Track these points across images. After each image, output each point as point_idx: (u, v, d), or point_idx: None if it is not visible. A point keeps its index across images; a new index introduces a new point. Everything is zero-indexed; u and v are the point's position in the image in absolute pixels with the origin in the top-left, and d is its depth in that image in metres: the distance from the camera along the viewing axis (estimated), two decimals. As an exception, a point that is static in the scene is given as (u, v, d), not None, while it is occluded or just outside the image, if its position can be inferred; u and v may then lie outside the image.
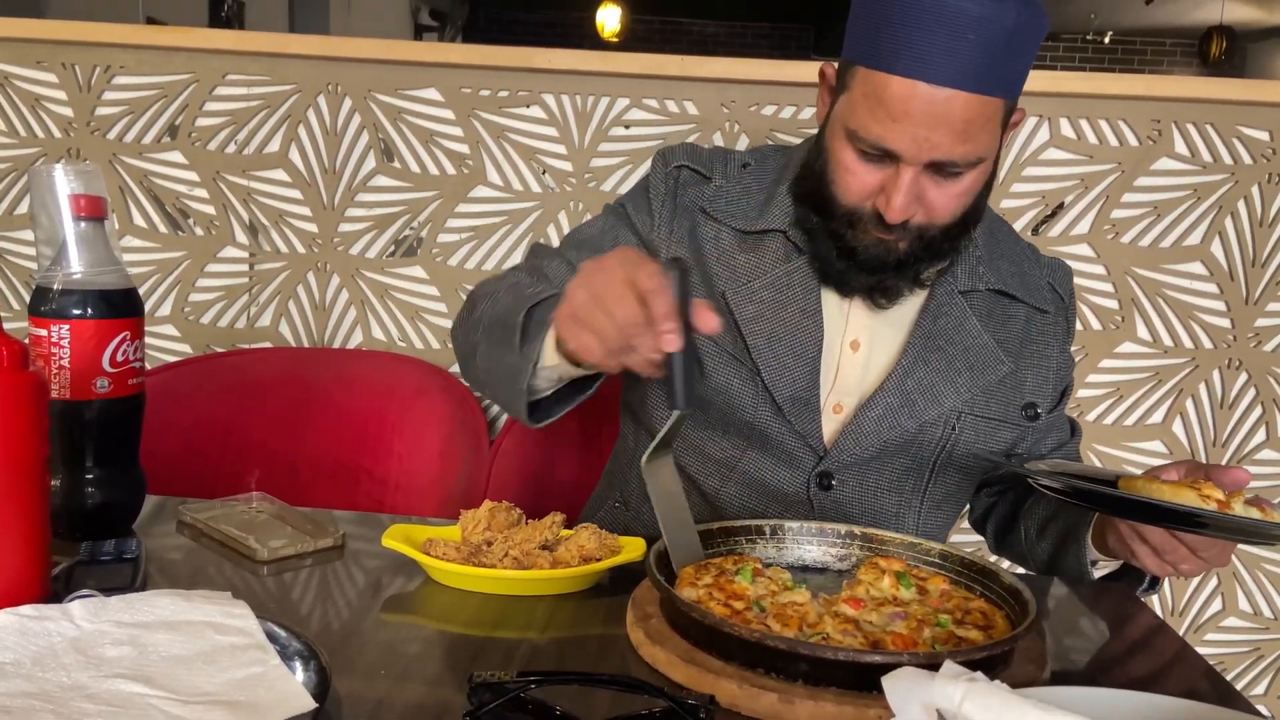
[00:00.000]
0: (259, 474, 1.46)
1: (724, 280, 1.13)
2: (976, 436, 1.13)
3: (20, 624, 0.68)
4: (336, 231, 1.82)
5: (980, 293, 1.13)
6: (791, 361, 1.10)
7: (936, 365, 1.10)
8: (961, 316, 1.11)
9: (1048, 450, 1.21)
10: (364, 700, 0.68)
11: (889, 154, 0.98)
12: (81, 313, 0.89)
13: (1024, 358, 1.15)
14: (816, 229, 1.08)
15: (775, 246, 1.13)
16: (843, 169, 1.03)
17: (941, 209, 1.02)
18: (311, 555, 0.96)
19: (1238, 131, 1.73)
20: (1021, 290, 1.14)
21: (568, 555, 0.90)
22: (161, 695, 0.63)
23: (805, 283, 1.11)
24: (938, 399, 1.10)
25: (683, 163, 1.18)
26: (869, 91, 0.98)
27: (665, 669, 0.74)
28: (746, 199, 1.15)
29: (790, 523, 0.96)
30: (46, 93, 1.81)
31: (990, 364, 1.12)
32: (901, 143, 0.96)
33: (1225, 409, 1.80)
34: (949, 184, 1.00)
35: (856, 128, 0.99)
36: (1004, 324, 1.14)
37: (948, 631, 0.79)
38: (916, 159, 0.97)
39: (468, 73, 1.77)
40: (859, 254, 1.05)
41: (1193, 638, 1.85)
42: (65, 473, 0.91)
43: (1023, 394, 1.14)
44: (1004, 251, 1.17)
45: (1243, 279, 1.76)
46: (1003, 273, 1.14)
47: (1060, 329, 1.18)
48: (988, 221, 1.16)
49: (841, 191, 1.04)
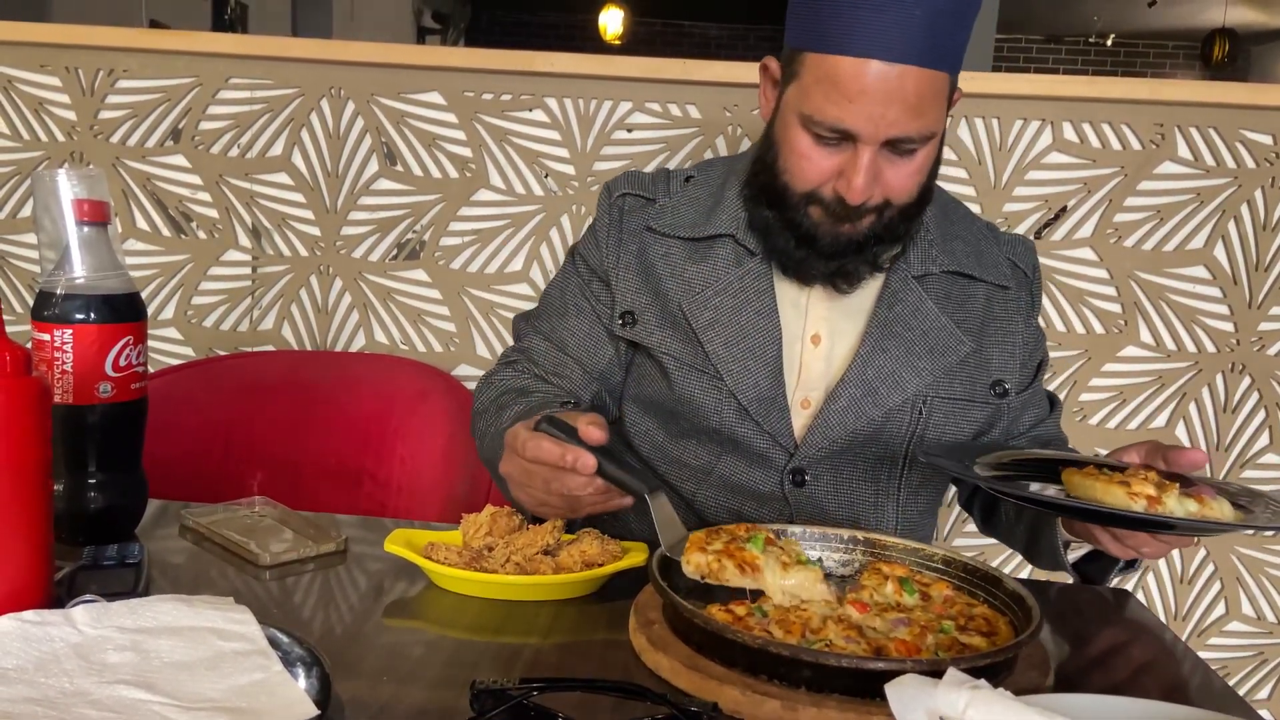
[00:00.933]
0: (261, 477, 1.46)
1: (678, 293, 1.14)
2: (946, 419, 1.13)
3: (23, 629, 0.68)
4: (339, 235, 1.83)
5: (935, 275, 1.14)
6: (752, 363, 1.11)
7: (895, 352, 1.11)
8: (917, 301, 1.12)
9: (1027, 427, 1.20)
10: (366, 706, 0.68)
11: (846, 136, 1.00)
12: (84, 317, 0.89)
13: (987, 336, 1.15)
14: (772, 223, 1.09)
15: (725, 252, 1.14)
16: (798, 156, 1.04)
17: (899, 187, 1.03)
18: (314, 560, 0.96)
19: (1241, 135, 1.72)
20: (978, 269, 1.15)
21: (570, 560, 0.90)
22: (164, 701, 0.63)
23: (759, 284, 1.12)
24: (900, 385, 1.11)
25: (625, 190, 1.20)
26: (821, 75, 0.99)
27: (668, 675, 0.74)
28: (692, 209, 1.17)
29: (793, 527, 0.95)
30: (50, 96, 1.81)
31: (950, 345, 1.12)
32: (858, 122, 0.98)
33: (1228, 413, 1.80)
34: (904, 162, 1.02)
35: (812, 112, 1.00)
36: (963, 304, 1.14)
37: (951, 638, 0.79)
38: (874, 138, 0.99)
39: (470, 76, 1.77)
40: (819, 240, 1.06)
41: (1196, 642, 1.85)
42: (68, 477, 0.91)
43: (989, 372, 1.15)
44: (958, 233, 1.17)
45: (1246, 283, 1.76)
46: (957, 254, 1.15)
47: (1023, 303, 1.18)
48: (941, 205, 1.17)
49: (798, 179, 1.05)
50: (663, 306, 1.15)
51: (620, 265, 1.18)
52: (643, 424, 1.20)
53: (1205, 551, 1.83)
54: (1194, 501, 0.85)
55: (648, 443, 1.20)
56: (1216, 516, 0.84)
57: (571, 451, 0.88)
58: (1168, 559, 1.84)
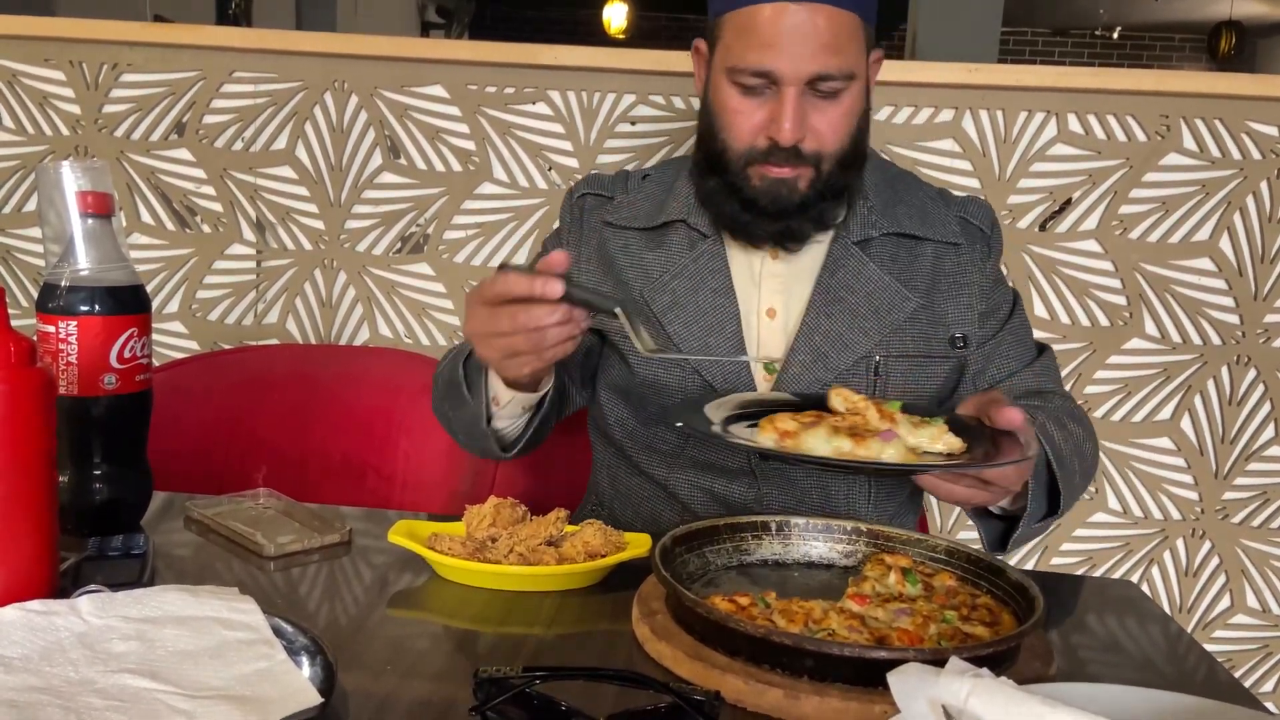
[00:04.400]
0: (266, 470, 1.46)
1: (639, 283, 1.18)
2: (905, 377, 1.15)
3: (28, 619, 0.68)
4: (343, 228, 1.83)
5: (878, 239, 1.16)
6: (712, 339, 1.14)
7: (840, 316, 1.13)
8: (859, 265, 1.14)
9: (997, 379, 1.19)
10: (370, 695, 0.69)
11: (770, 80, 1.04)
12: (89, 309, 0.89)
13: (939, 291, 1.16)
14: (717, 190, 1.12)
15: (679, 238, 1.18)
16: (730, 112, 1.08)
17: (829, 132, 1.07)
18: (318, 551, 0.96)
19: (1247, 127, 1.72)
20: (924, 229, 1.17)
21: (573, 551, 0.90)
22: (168, 690, 0.63)
23: (713, 264, 1.16)
24: (848, 347, 1.13)
25: (585, 191, 1.26)
26: (740, 28, 1.05)
27: (671, 664, 0.74)
28: (648, 202, 1.22)
29: (796, 519, 0.95)
30: (54, 90, 1.81)
31: (896, 303, 1.14)
32: (779, 62, 1.03)
33: (1234, 405, 1.79)
34: (830, 105, 1.06)
35: (735, 63, 1.06)
36: (910, 264, 1.16)
37: (954, 628, 0.79)
38: (795, 76, 1.03)
39: (474, 69, 1.77)
40: (760, 200, 1.10)
41: (1201, 635, 1.85)
42: (73, 469, 0.91)
43: (946, 327, 1.16)
44: (903, 199, 1.19)
45: (1251, 275, 1.76)
46: (899, 217, 1.17)
47: (976, 256, 1.19)
48: (888, 176, 1.20)
49: (733, 136, 1.09)
50: (624, 295, 1.19)
51: (581, 259, 1.23)
52: (615, 411, 1.23)
53: (1210, 544, 1.83)
54: (848, 439, 0.87)
55: (621, 429, 1.23)
56: (869, 456, 0.86)
57: (539, 279, 0.90)
58: (1172, 551, 1.83)
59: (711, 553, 0.91)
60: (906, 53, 3.86)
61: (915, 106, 1.74)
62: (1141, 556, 1.84)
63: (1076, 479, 1.09)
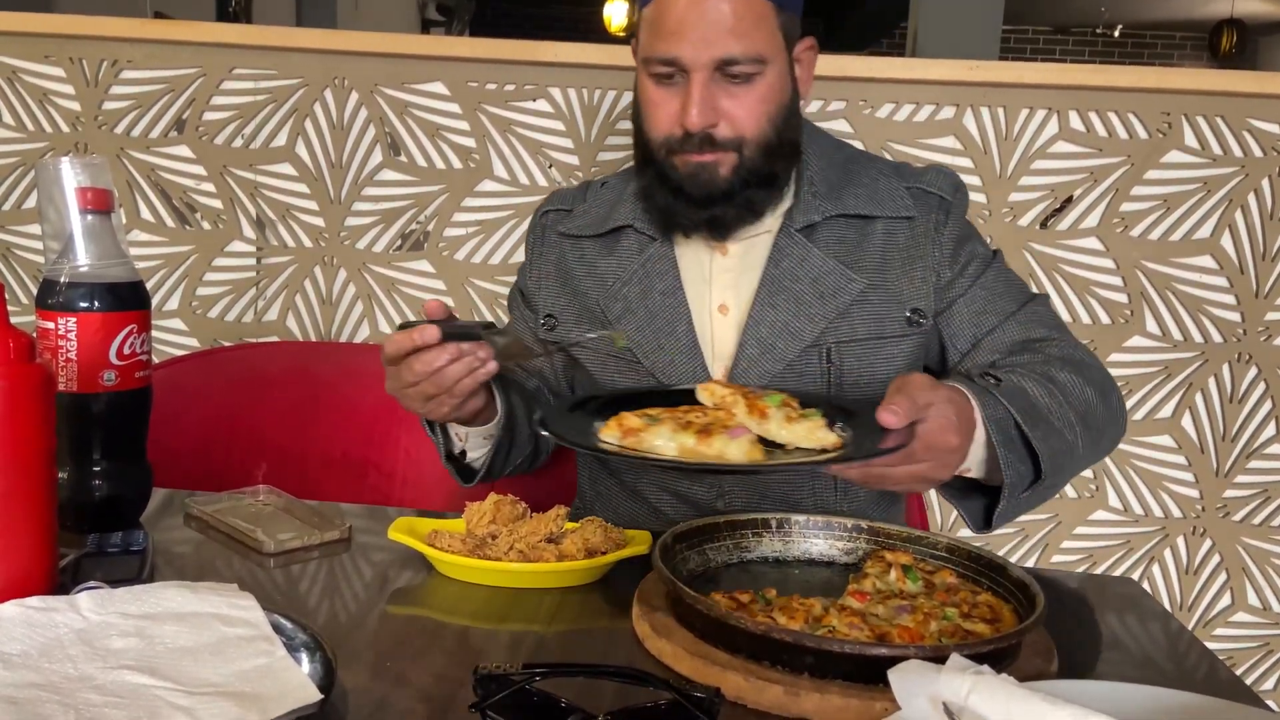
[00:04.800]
0: (266, 467, 1.46)
1: (595, 291, 1.20)
2: (860, 361, 1.13)
3: (27, 615, 0.68)
4: (343, 225, 1.83)
5: (822, 224, 1.15)
6: (666, 341, 1.15)
7: (785, 306, 1.13)
8: (802, 252, 1.14)
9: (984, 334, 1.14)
10: (369, 692, 0.68)
11: (679, 68, 1.06)
12: (88, 305, 0.89)
13: (891, 269, 1.14)
14: (651, 183, 1.14)
15: (629, 243, 1.20)
16: (649, 104, 1.11)
17: (742, 117, 1.08)
18: (318, 548, 0.96)
19: (1248, 124, 1.71)
20: (871, 207, 1.15)
21: (573, 548, 0.90)
22: (168, 686, 0.63)
23: (662, 266, 1.17)
24: (796, 335, 1.12)
25: (548, 207, 1.29)
26: (650, 21, 1.08)
27: (671, 661, 0.74)
28: (601, 209, 1.23)
29: (797, 516, 0.95)
30: (54, 87, 1.81)
31: (841, 285, 1.12)
32: (683, 48, 1.05)
33: (1235, 403, 1.79)
34: (742, 90, 1.07)
35: (647, 54, 1.09)
36: (859, 245, 1.15)
37: (954, 625, 0.78)
38: (698, 61, 1.05)
39: (474, 66, 1.77)
40: (686, 186, 1.10)
41: (1202, 632, 1.84)
42: (72, 465, 0.91)
43: (903, 304, 1.14)
44: (854, 180, 1.17)
45: (1253, 272, 1.75)
46: (845, 199, 1.15)
47: (929, 225, 1.15)
48: (837, 159, 1.19)
49: (654, 126, 1.11)
50: (580, 305, 1.21)
51: (541, 276, 1.26)
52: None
53: (1211, 542, 1.83)
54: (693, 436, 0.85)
55: None
56: (711, 455, 0.84)
57: (416, 330, 0.95)
58: (1173, 549, 1.83)
59: (712, 550, 0.91)
60: (908, 50, 3.86)
61: (916, 104, 1.74)
62: (1142, 554, 1.84)
63: (1069, 435, 1.02)
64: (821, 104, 1.75)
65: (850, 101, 1.74)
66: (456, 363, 0.97)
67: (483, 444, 1.14)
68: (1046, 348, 1.11)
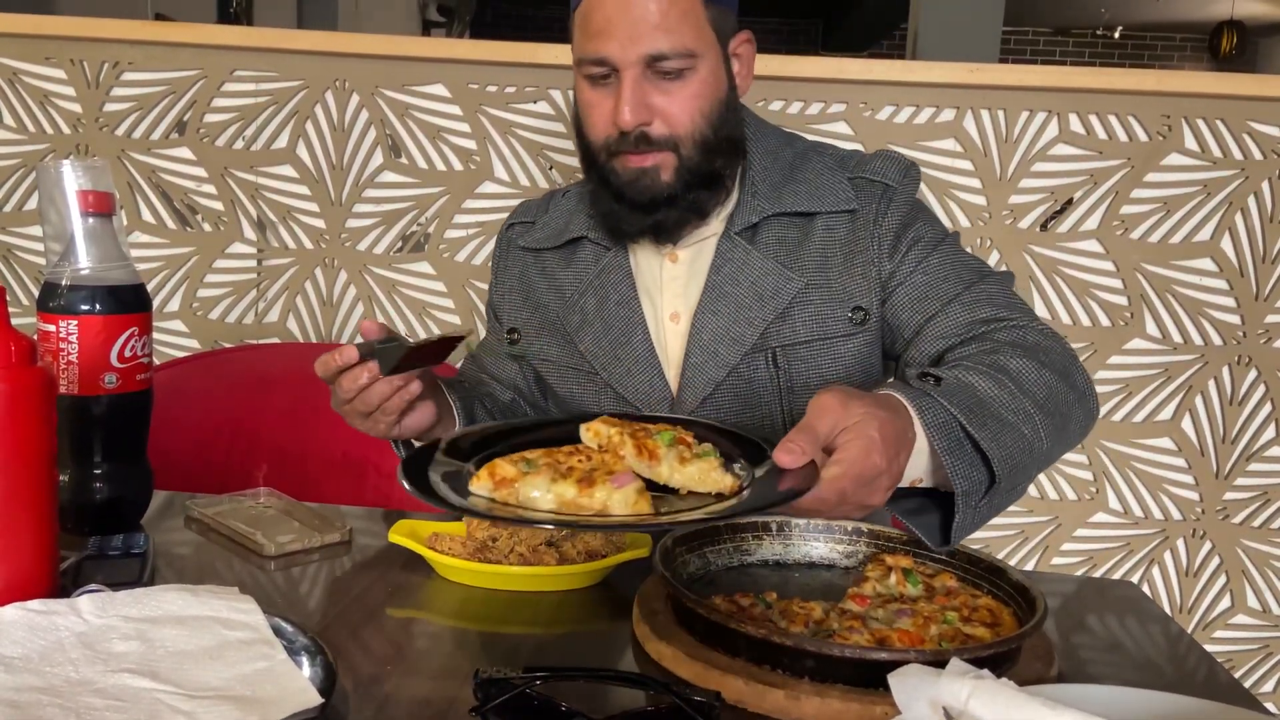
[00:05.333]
0: (266, 469, 1.46)
1: (555, 304, 1.20)
2: (809, 364, 1.11)
3: (28, 619, 0.68)
4: (344, 227, 1.83)
5: (762, 224, 1.13)
6: (622, 352, 1.14)
7: (725, 311, 1.11)
8: (743, 255, 1.12)
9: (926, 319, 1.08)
10: (370, 695, 0.68)
11: (609, 66, 1.05)
12: (89, 308, 0.89)
13: (832, 267, 1.11)
14: (596, 189, 1.13)
15: (585, 255, 1.19)
16: (585, 106, 1.10)
17: (676, 114, 1.06)
18: (318, 550, 0.96)
19: (1248, 127, 1.72)
20: (811, 203, 1.12)
21: (573, 551, 0.90)
22: (168, 690, 0.63)
23: (615, 275, 1.17)
24: (738, 340, 1.10)
25: (513, 220, 1.29)
26: (580, 23, 1.08)
27: (671, 665, 0.74)
28: (560, 219, 1.23)
29: (797, 520, 0.95)
30: (55, 89, 1.81)
31: (780, 286, 1.10)
32: (611, 47, 1.04)
33: (1235, 405, 1.79)
34: (675, 86, 1.06)
35: (579, 55, 1.08)
36: (800, 244, 1.12)
37: (954, 629, 0.78)
38: (626, 59, 1.04)
39: (475, 68, 1.77)
40: (628, 192, 1.09)
41: (1201, 635, 1.84)
42: (73, 468, 0.91)
43: (846, 302, 1.10)
44: (796, 177, 1.14)
45: (1253, 275, 1.76)
46: (785, 197, 1.12)
47: (869, 216, 1.11)
48: (783, 157, 1.16)
49: (591, 128, 1.10)
50: (542, 318, 1.22)
51: (505, 290, 1.26)
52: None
53: (1211, 545, 1.83)
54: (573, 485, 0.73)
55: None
56: (592, 507, 0.73)
57: (337, 350, 0.97)
58: (1172, 551, 1.83)
59: (712, 553, 0.91)
60: (908, 53, 3.86)
61: (916, 106, 1.74)
62: (1142, 557, 1.84)
63: (1025, 428, 0.91)
64: (822, 106, 1.75)
65: (850, 104, 1.74)
66: (380, 382, 0.98)
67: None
68: (995, 333, 1.03)
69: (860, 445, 0.79)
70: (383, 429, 1.03)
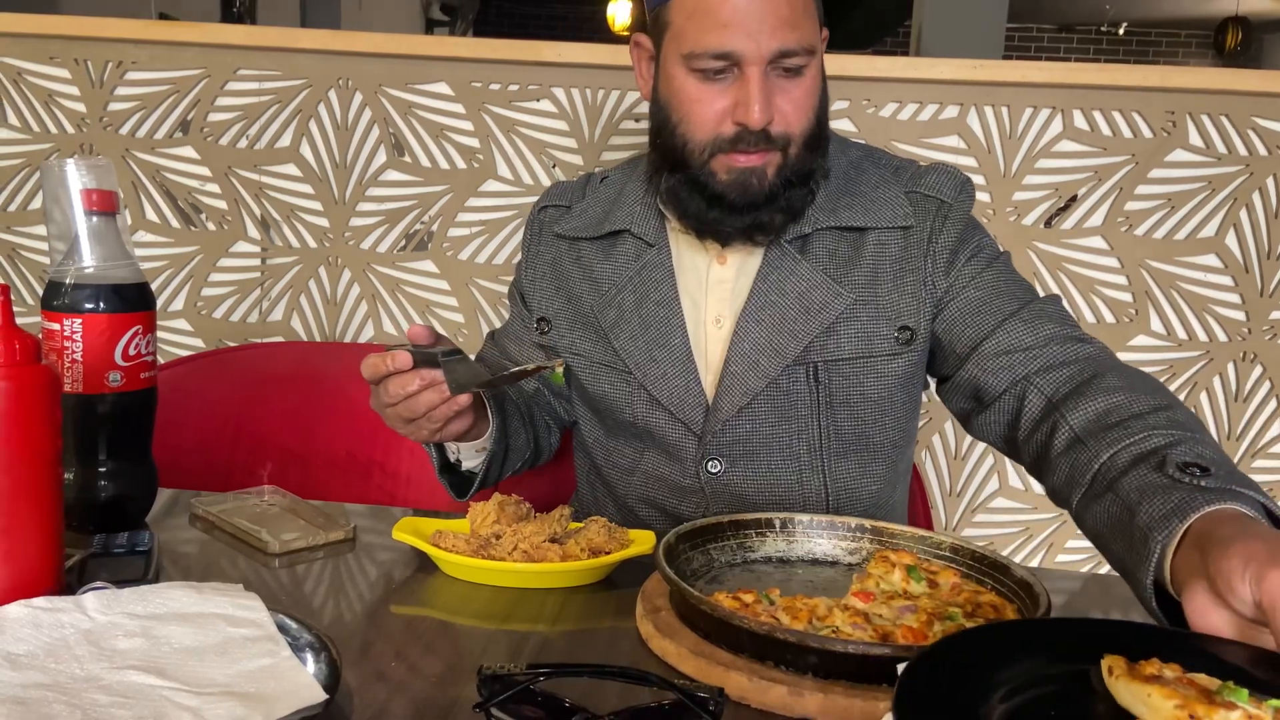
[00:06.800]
0: (271, 467, 1.46)
1: (589, 297, 1.17)
2: (850, 380, 1.09)
3: (33, 616, 0.68)
4: (347, 226, 1.83)
5: (814, 235, 1.11)
6: (659, 353, 1.12)
7: (769, 321, 1.09)
8: (792, 265, 1.10)
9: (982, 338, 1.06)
10: (374, 692, 0.69)
11: (732, 62, 1.01)
12: (94, 307, 0.89)
13: (882, 284, 1.09)
14: (679, 187, 1.08)
15: (627, 248, 1.16)
16: (691, 102, 1.04)
17: (795, 112, 1.03)
18: (323, 548, 0.96)
19: (1253, 123, 1.71)
20: (866, 218, 1.10)
21: (577, 548, 0.90)
22: (173, 686, 0.63)
23: (657, 274, 1.13)
24: (780, 352, 1.08)
25: (546, 203, 1.25)
26: (693, 12, 1.01)
27: (675, 661, 0.74)
28: (599, 208, 1.19)
29: (800, 516, 0.95)
30: (59, 88, 1.82)
31: (828, 300, 1.08)
32: (740, 42, 0.99)
33: (1239, 402, 1.79)
34: (793, 84, 1.03)
35: (692, 48, 1.01)
36: (852, 258, 1.10)
37: (958, 625, 0.78)
38: (759, 55, 1.00)
39: (478, 66, 1.77)
40: (728, 195, 1.05)
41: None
42: (78, 466, 0.92)
43: (894, 320, 1.09)
44: (853, 189, 1.12)
45: (1258, 271, 1.75)
46: (840, 210, 1.11)
47: (924, 234, 1.10)
48: (847, 164, 1.14)
49: (697, 127, 1.05)
50: (575, 309, 1.19)
51: (536, 276, 1.23)
52: (587, 424, 1.23)
53: (1216, 541, 1.82)
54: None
55: (592, 440, 1.23)
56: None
57: (389, 355, 0.95)
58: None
59: (715, 550, 0.91)
60: (912, 49, 3.85)
61: (920, 103, 1.74)
62: (1147, 554, 1.84)
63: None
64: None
65: (854, 100, 1.74)
66: (429, 390, 0.96)
67: (477, 455, 1.13)
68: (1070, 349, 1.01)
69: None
70: (425, 435, 1.02)
